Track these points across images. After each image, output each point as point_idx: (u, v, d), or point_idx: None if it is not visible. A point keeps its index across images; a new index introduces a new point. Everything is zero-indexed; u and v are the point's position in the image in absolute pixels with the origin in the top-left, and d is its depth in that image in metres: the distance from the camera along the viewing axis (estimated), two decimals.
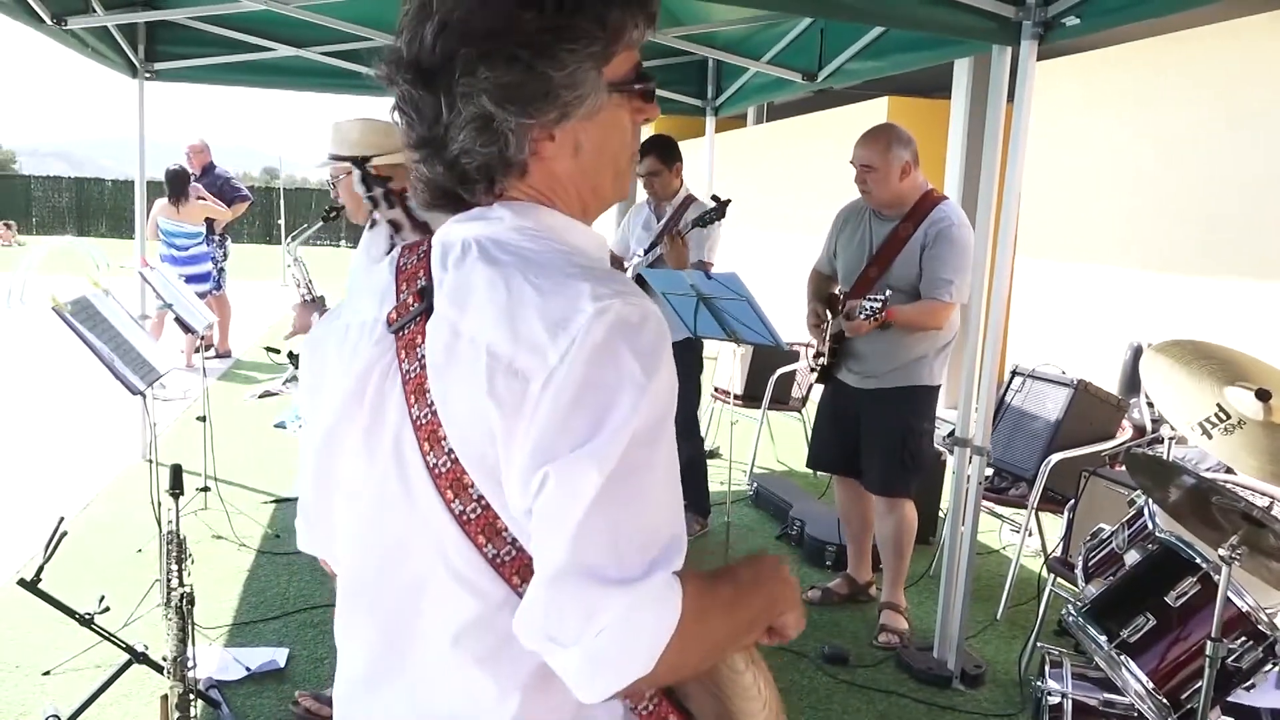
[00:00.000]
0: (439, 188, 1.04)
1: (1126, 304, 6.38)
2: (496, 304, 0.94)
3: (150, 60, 5.58)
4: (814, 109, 11.74)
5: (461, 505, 0.94)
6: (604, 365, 0.89)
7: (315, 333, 1.13)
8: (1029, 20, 3.17)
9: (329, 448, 1.06)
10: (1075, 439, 4.12)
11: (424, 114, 0.99)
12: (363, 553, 1.05)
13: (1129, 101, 6.49)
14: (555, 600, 0.88)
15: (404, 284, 1.04)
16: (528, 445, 0.88)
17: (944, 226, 3.56)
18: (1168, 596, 1.95)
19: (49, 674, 3.33)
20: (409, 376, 0.98)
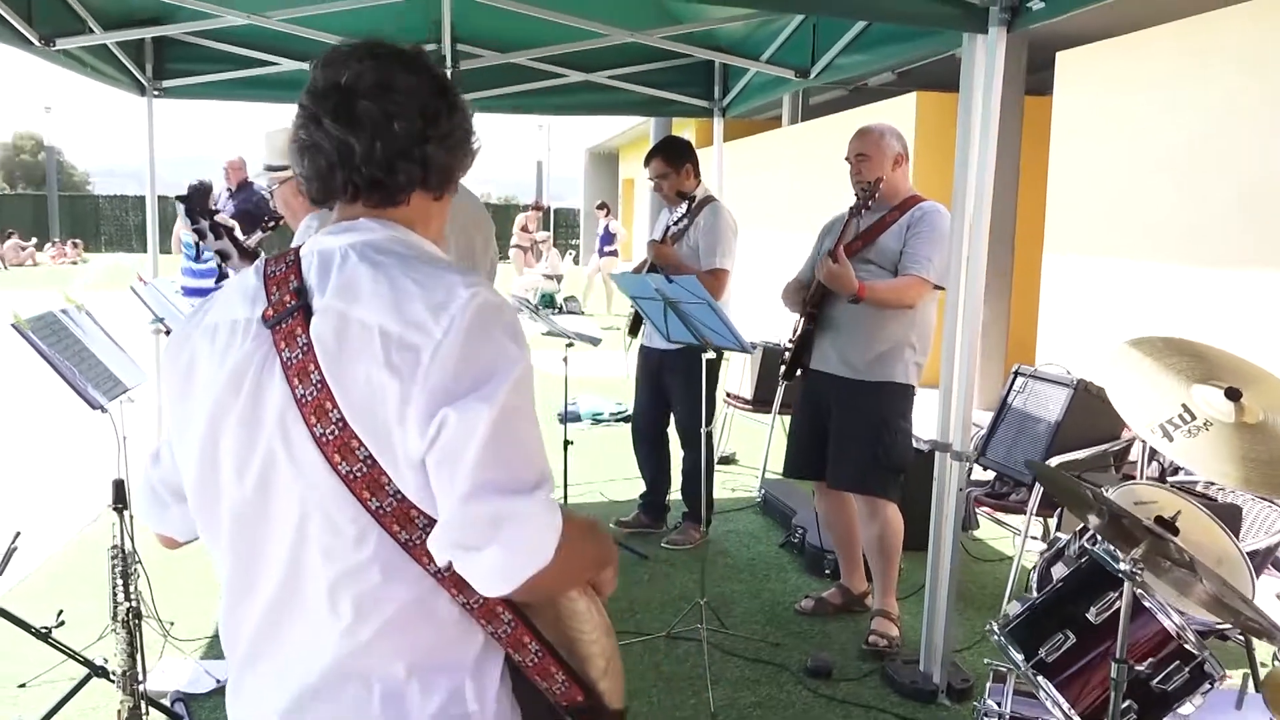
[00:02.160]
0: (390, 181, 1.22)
1: (1164, 299, 6.13)
2: (382, 295, 1.13)
3: (158, 78, 5.66)
4: (847, 107, 11.60)
5: (348, 466, 1.11)
6: (479, 334, 1.12)
7: (178, 335, 1.27)
8: (995, 6, 3.04)
9: (212, 434, 1.19)
10: (1077, 441, 3.95)
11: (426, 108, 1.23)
12: (251, 525, 1.19)
13: (1156, 88, 6.24)
14: (468, 513, 1.09)
15: (274, 287, 1.19)
16: (424, 398, 1.09)
17: (927, 211, 3.59)
18: (1090, 613, 1.82)
19: (24, 686, 3.37)
20: (290, 362, 1.14)
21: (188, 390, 1.22)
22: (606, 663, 1.26)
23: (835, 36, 4.43)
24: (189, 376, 1.22)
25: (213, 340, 1.20)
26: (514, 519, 1.09)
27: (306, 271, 1.19)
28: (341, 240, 1.21)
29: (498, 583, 1.11)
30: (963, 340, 3.28)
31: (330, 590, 1.15)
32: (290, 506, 1.15)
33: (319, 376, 1.12)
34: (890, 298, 3.54)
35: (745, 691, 3.46)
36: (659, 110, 6.97)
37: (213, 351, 1.20)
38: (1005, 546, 4.91)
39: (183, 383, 1.22)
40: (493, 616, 1.17)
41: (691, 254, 4.46)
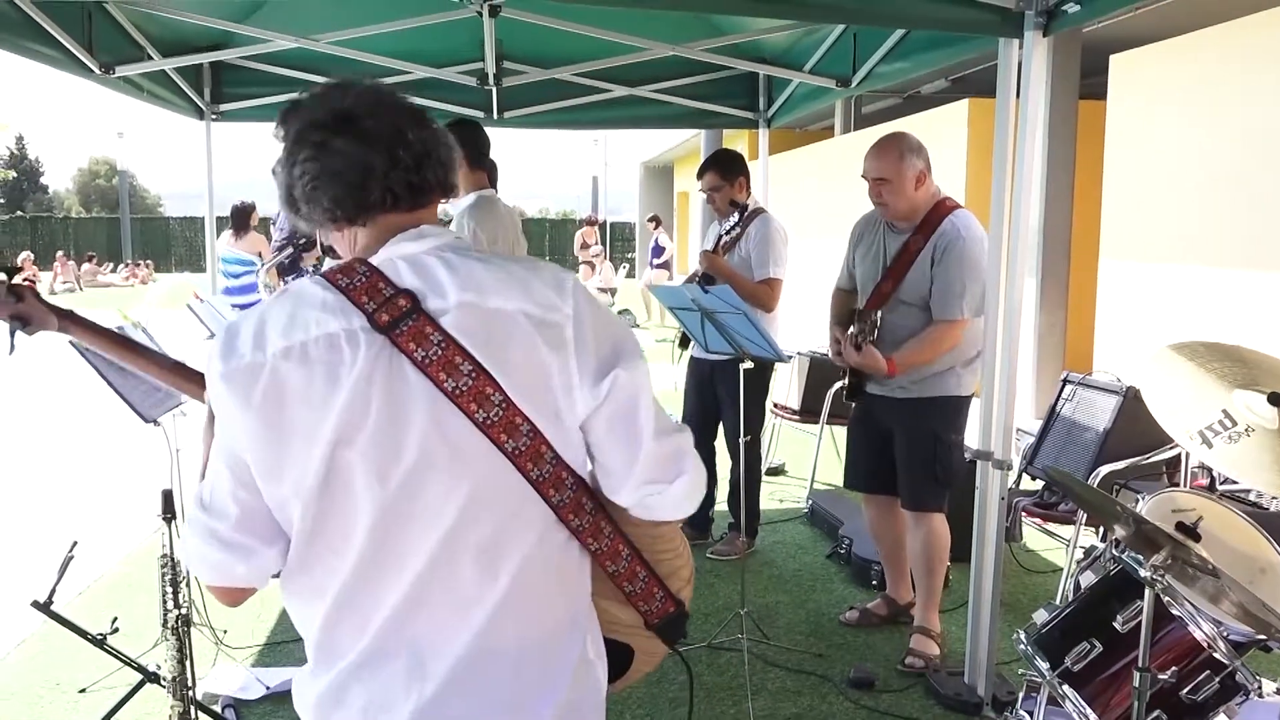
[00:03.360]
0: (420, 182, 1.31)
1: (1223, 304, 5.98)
2: (506, 284, 1.25)
3: (216, 102, 5.84)
4: (902, 114, 11.51)
5: (514, 443, 1.21)
6: (595, 305, 1.31)
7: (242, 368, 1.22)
8: (1030, 10, 3.01)
9: (337, 448, 1.19)
10: (1126, 449, 3.87)
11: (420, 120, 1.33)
12: (395, 523, 1.22)
13: (1212, 89, 6.10)
14: (659, 451, 1.29)
15: (364, 296, 1.23)
16: (588, 364, 1.24)
17: (951, 240, 3.44)
18: (1117, 621, 1.78)
19: (84, 692, 3.48)
20: (429, 360, 1.19)
21: (283, 418, 1.19)
22: (689, 575, 1.44)
23: (875, 45, 4.41)
24: (281, 405, 1.19)
25: (306, 362, 1.19)
26: (686, 450, 1.33)
27: (395, 277, 1.25)
28: (423, 245, 1.29)
29: (685, 505, 1.33)
30: (1004, 348, 3.24)
31: (486, 564, 1.23)
32: (445, 495, 1.21)
33: (471, 366, 1.20)
34: (926, 356, 3.47)
35: (786, 702, 3.44)
36: (704, 123, 7.00)
37: (314, 371, 1.19)
38: (1056, 557, 4.82)
39: (273, 413, 1.20)
40: (597, 533, 1.31)
41: (743, 264, 4.47)
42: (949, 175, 8.06)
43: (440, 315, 1.22)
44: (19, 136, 54.37)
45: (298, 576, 1.27)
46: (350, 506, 1.21)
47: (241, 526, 1.24)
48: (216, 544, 1.25)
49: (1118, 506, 1.68)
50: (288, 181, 1.30)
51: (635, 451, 1.28)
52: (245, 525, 1.24)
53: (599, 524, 1.30)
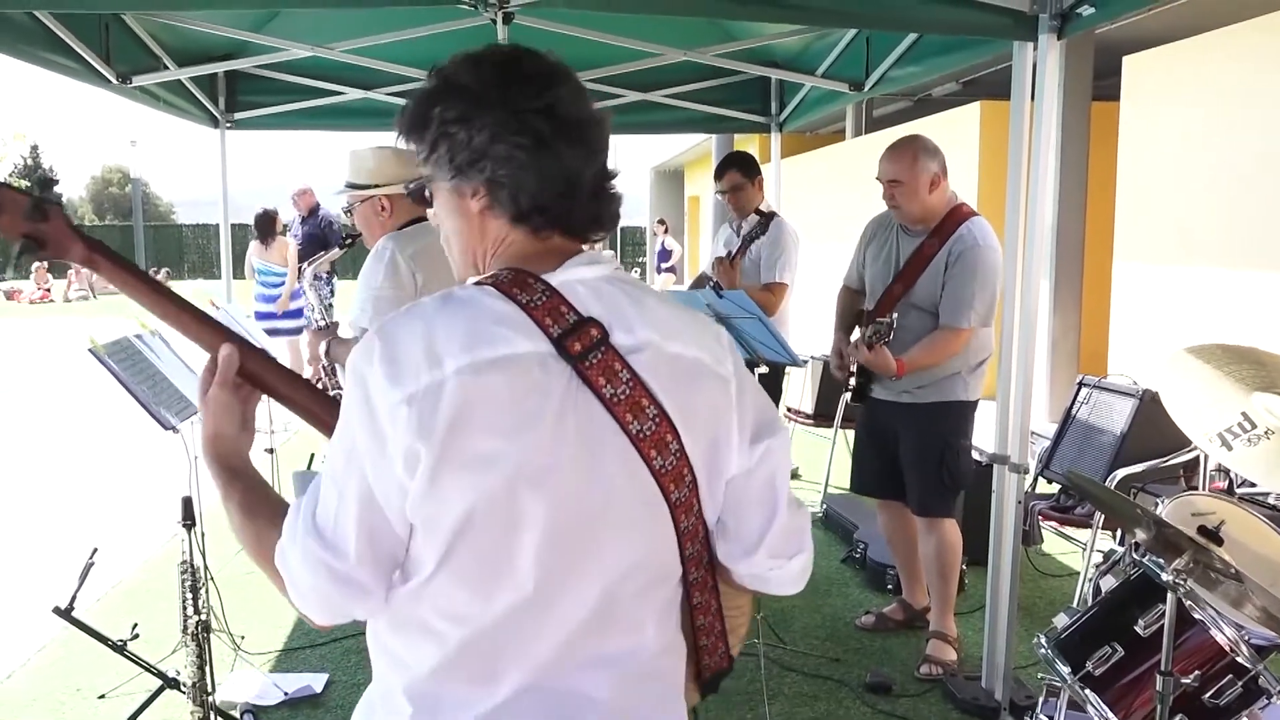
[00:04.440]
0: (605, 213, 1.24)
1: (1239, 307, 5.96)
2: (683, 328, 1.19)
3: (230, 110, 5.87)
4: (912, 118, 11.50)
5: (678, 494, 1.15)
6: (743, 362, 1.26)
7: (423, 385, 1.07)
8: (1044, 13, 3.02)
9: (517, 478, 1.08)
10: (1143, 452, 3.85)
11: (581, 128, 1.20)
12: (566, 559, 1.12)
13: (1226, 91, 6.09)
14: (790, 526, 1.24)
15: (548, 318, 1.11)
16: (748, 425, 1.20)
17: (967, 247, 3.43)
18: (1138, 625, 1.78)
19: (104, 697, 3.50)
20: (618, 398, 1.11)
21: (460, 444, 1.06)
22: (746, 633, 1.41)
23: (888, 49, 4.42)
24: (462, 429, 1.06)
25: (495, 379, 1.07)
26: (807, 527, 1.29)
27: (577, 302, 1.14)
28: (599, 271, 1.19)
29: (800, 582, 1.30)
30: (1020, 352, 3.24)
31: (637, 611, 1.18)
32: (620, 545, 1.15)
33: (655, 410, 1.13)
34: (933, 360, 3.47)
35: (803, 707, 3.44)
36: (716, 127, 7.02)
37: (504, 397, 1.08)
38: (1073, 561, 4.81)
39: (452, 438, 1.06)
40: (704, 587, 1.25)
41: (753, 267, 4.48)
42: (961, 178, 8.04)
43: (629, 352, 1.13)
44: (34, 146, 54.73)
45: (413, 611, 1.13)
46: (513, 547, 1.10)
47: (365, 562, 1.10)
48: (335, 581, 1.10)
49: (1139, 510, 1.68)
50: (478, 145, 1.16)
51: (770, 523, 1.24)
52: (370, 562, 1.10)
53: (707, 578, 1.26)
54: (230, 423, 1.30)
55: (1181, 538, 1.59)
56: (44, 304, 25.94)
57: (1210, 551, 1.57)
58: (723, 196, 4.71)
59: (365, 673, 3.73)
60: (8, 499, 6.39)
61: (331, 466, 1.12)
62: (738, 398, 1.20)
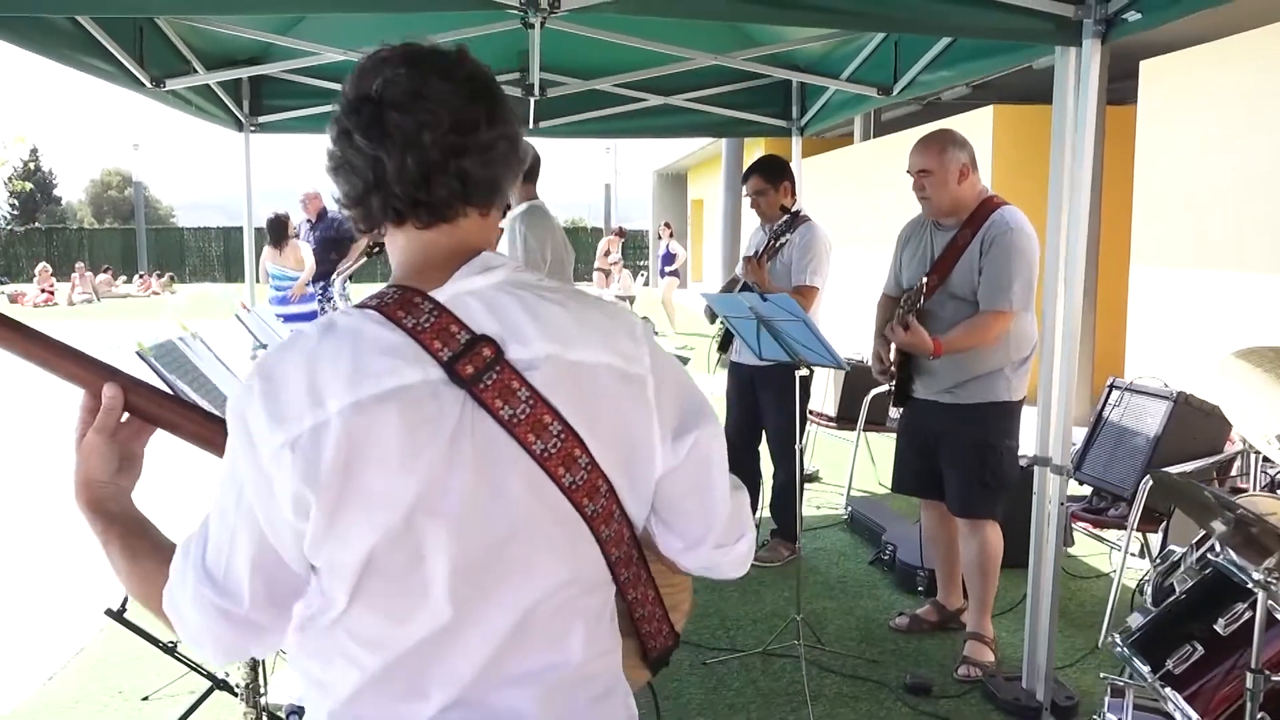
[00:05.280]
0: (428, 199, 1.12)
1: (1257, 311, 5.99)
2: (587, 332, 1.13)
3: (254, 114, 5.89)
4: (921, 122, 11.52)
5: (593, 506, 1.12)
6: (665, 354, 1.21)
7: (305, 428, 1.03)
8: (1089, 19, 3.04)
9: (415, 513, 1.05)
10: (1177, 454, 3.88)
11: (461, 118, 1.11)
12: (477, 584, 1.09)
13: (1242, 95, 6.12)
14: (732, 515, 1.23)
15: (437, 341, 1.06)
16: (669, 423, 1.16)
17: (1001, 232, 3.46)
18: (1218, 625, 1.80)
19: (148, 699, 3.51)
20: (517, 419, 1.07)
21: (350, 484, 1.03)
22: (689, 607, 1.39)
23: (917, 53, 4.44)
24: (349, 470, 1.03)
25: (381, 419, 1.03)
26: (746, 509, 1.28)
27: (468, 318, 1.09)
28: (491, 279, 1.13)
29: (744, 566, 1.29)
30: (1062, 354, 3.26)
31: (559, 624, 1.14)
32: (532, 565, 1.11)
33: (560, 426, 1.08)
34: (971, 343, 3.47)
35: (844, 708, 3.46)
36: (737, 131, 7.04)
37: (391, 431, 1.03)
38: (1100, 564, 4.83)
39: (340, 480, 1.03)
40: (638, 582, 1.23)
41: (784, 270, 4.49)
42: None
43: (526, 369, 1.08)
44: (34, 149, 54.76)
45: (331, 640, 1.11)
46: (424, 577, 1.07)
47: (260, 605, 1.08)
48: (230, 625, 1.09)
49: (1236, 513, 1.70)
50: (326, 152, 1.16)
51: (712, 516, 1.22)
52: (265, 603, 1.08)
53: (639, 573, 1.22)
54: (103, 468, 1.22)
55: (1271, 537, 1.61)
56: (48, 307, 25.91)
57: None
58: (749, 201, 4.74)
59: None
60: (35, 503, 6.39)
61: (220, 508, 1.09)
62: (656, 396, 1.16)
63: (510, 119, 1.16)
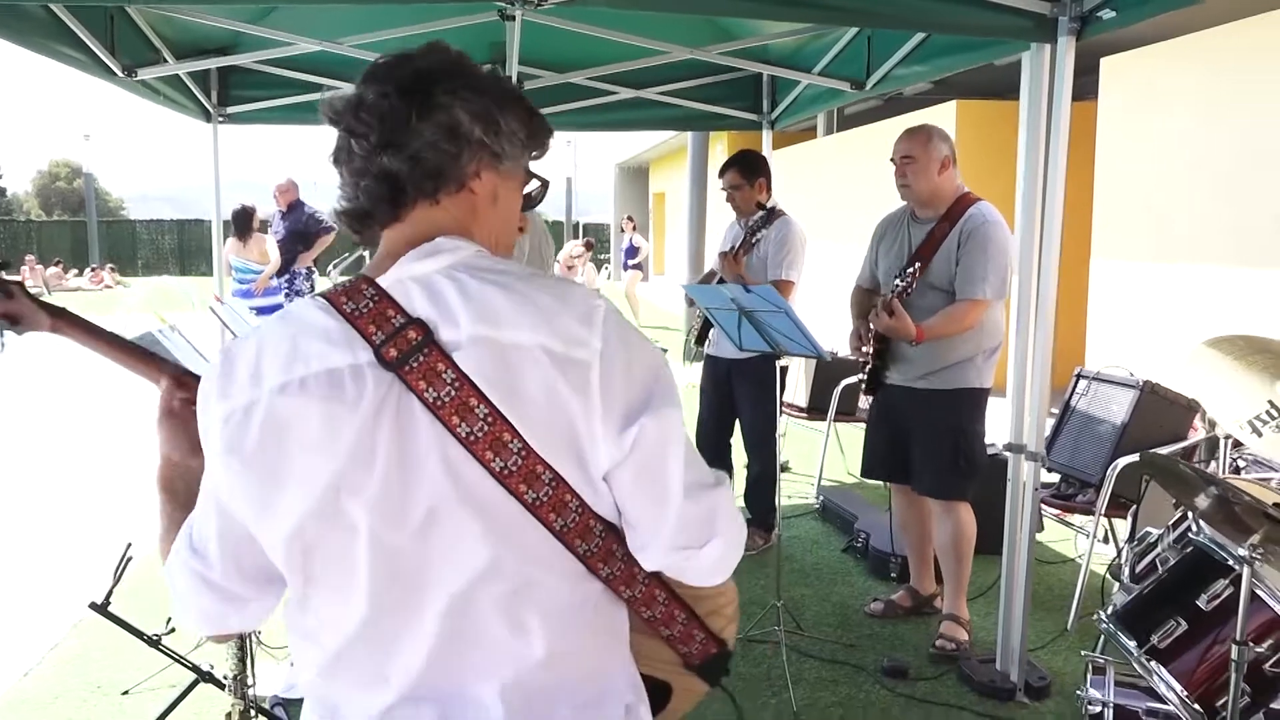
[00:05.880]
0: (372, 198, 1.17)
1: (1212, 303, 6.15)
2: (527, 314, 1.09)
3: (222, 104, 5.83)
4: (882, 117, 11.65)
5: (534, 493, 1.08)
6: (629, 341, 1.14)
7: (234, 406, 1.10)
8: (1064, 16, 3.11)
9: (334, 494, 1.08)
10: (1144, 442, 3.98)
11: (391, 119, 1.14)
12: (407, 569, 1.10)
13: (1204, 92, 6.28)
14: (688, 513, 1.14)
15: (372, 325, 1.10)
16: (613, 411, 1.09)
17: (978, 225, 3.57)
18: (1200, 600, 1.88)
19: (127, 694, 3.49)
20: (441, 401, 1.07)
21: (278, 462, 1.09)
22: (733, 611, 1.33)
23: (890, 48, 4.51)
24: (277, 448, 1.08)
25: (305, 400, 1.08)
26: (722, 511, 1.17)
27: (406, 303, 1.11)
28: (435, 264, 1.14)
29: (719, 573, 1.20)
30: (1037, 343, 3.34)
31: (513, 617, 1.12)
32: (461, 544, 1.10)
33: (486, 410, 1.07)
34: (950, 330, 3.57)
35: (825, 692, 3.52)
36: (708, 125, 7.09)
37: (314, 411, 1.07)
38: (1066, 549, 4.95)
39: (268, 457, 1.09)
40: (631, 580, 1.18)
41: (760, 265, 4.55)
42: None
43: (453, 350, 1.08)
44: None
45: (296, 616, 1.17)
46: (353, 557, 1.10)
47: (231, 573, 1.14)
48: (208, 591, 1.15)
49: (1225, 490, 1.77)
50: None
51: (664, 511, 1.14)
52: (235, 572, 1.14)
53: (632, 571, 1.18)
54: (172, 449, 1.33)
55: (1253, 514, 1.68)
56: None
57: None
58: (724, 195, 4.79)
59: None
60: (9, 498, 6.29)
61: (204, 481, 1.17)
62: (601, 382, 1.10)
63: (453, 104, 1.15)
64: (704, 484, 1.16)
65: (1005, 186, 3.40)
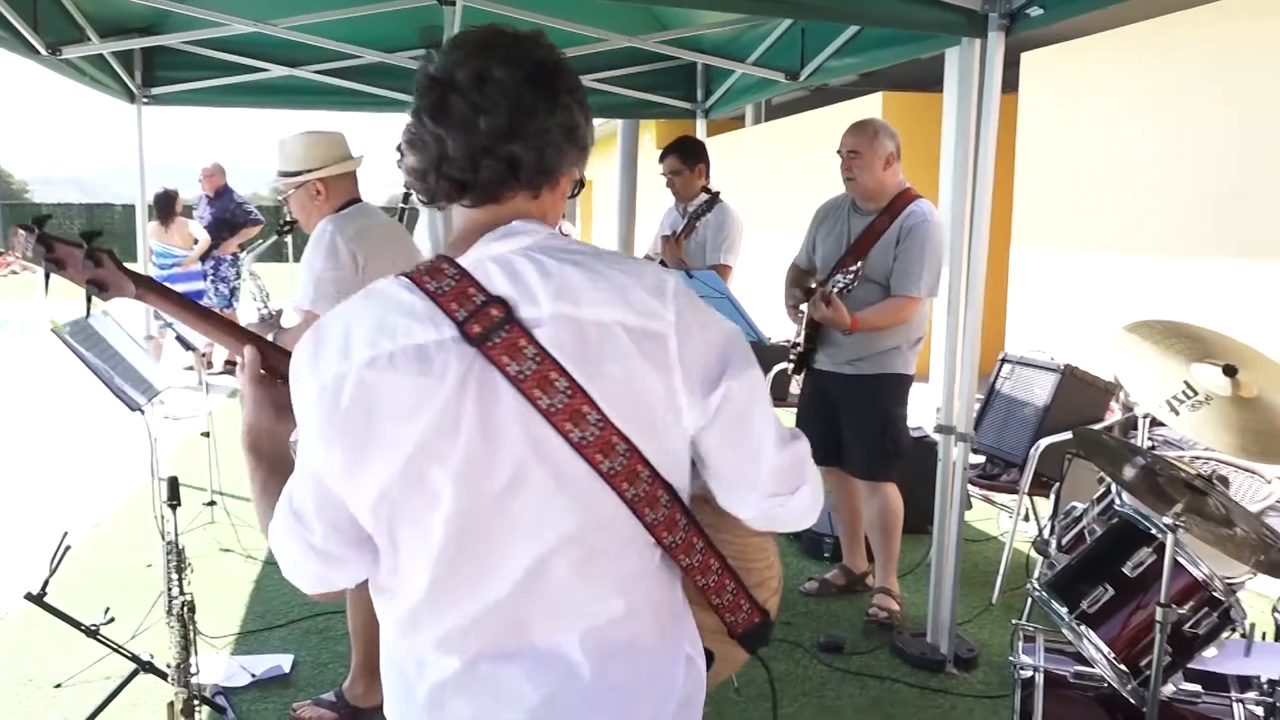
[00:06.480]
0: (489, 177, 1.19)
1: (1126, 289, 6.41)
2: (603, 290, 1.16)
3: (147, 85, 5.69)
4: (810, 107, 11.83)
5: (610, 463, 1.15)
6: (700, 309, 1.22)
7: (327, 377, 1.15)
8: (994, 12, 3.23)
9: (420, 461, 1.13)
10: (1064, 423, 4.16)
11: (522, 107, 1.17)
12: (483, 534, 1.16)
13: (1120, 87, 6.53)
14: (780, 465, 1.23)
15: (454, 303, 1.15)
16: (694, 378, 1.17)
17: (917, 222, 3.68)
18: (1125, 567, 2.00)
19: (60, 686, 3.42)
20: (523, 375, 1.13)
21: (368, 431, 1.14)
22: (778, 584, 1.41)
23: (823, 39, 4.61)
24: (366, 417, 1.14)
25: (393, 373, 1.13)
26: (807, 460, 1.28)
27: (486, 281, 1.17)
28: (512, 245, 1.20)
29: (809, 517, 1.30)
30: (966, 330, 3.46)
31: (588, 578, 1.19)
32: (539, 514, 1.16)
33: (566, 383, 1.13)
34: (883, 323, 3.70)
35: (763, 669, 3.61)
36: (643, 113, 7.11)
37: (402, 384, 1.13)
38: (990, 528, 5.13)
39: (358, 426, 1.14)
40: (690, 549, 1.25)
41: (699, 249, 4.61)
42: None
43: (534, 326, 1.14)
44: None
45: (380, 577, 1.24)
46: (434, 521, 1.16)
47: (330, 537, 1.20)
48: (312, 554, 1.21)
49: (1153, 463, 1.89)
50: None
51: (757, 464, 1.23)
52: (334, 534, 1.20)
53: (691, 540, 1.25)
54: (258, 414, 1.39)
55: (1176, 486, 1.80)
56: None
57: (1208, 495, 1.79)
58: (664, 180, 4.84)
59: (328, 652, 3.76)
60: None
61: (300, 450, 1.22)
62: (680, 350, 1.17)
63: (573, 106, 1.22)
64: (787, 437, 1.26)
65: (929, 176, 3.53)
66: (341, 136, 3.05)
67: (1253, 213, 5.37)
